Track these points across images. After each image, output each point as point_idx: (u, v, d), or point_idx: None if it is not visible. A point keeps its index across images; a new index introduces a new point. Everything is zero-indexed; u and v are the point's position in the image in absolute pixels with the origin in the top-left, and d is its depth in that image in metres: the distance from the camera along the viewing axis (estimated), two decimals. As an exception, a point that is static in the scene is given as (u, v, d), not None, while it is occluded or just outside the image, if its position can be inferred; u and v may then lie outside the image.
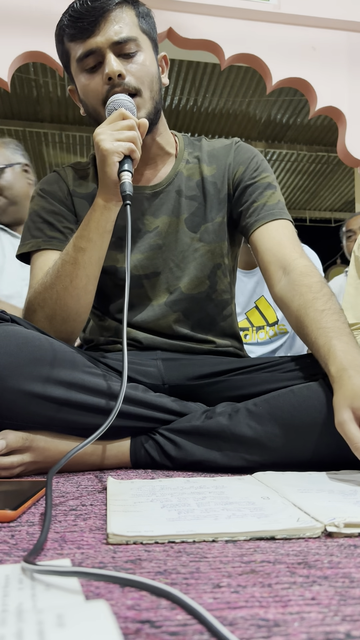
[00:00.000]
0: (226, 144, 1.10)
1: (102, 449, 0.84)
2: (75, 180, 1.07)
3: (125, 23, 0.93)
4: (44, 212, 1.03)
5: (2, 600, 0.32)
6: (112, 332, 1.06)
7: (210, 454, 0.81)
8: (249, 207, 1.03)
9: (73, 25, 0.92)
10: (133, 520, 0.51)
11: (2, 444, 0.75)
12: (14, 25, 2.11)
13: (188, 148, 1.09)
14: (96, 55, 0.92)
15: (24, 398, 0.77)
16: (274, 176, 1.07)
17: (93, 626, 0.26)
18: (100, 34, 0.91)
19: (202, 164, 1.07)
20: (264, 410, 0.81)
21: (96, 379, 0.82)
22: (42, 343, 0.80)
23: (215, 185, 1.06)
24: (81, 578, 0.37)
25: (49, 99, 4.18)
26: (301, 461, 0.78)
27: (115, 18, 0.92)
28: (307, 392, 0.80)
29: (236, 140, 1.11)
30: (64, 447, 0.81)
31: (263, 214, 1.01)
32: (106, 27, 0.91)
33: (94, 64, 0.93)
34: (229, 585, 0.37)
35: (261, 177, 1.05)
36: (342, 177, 5.55)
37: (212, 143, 1.11)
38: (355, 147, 2.40)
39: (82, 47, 0.92)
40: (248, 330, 1.88)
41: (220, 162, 1.07)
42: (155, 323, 1.03)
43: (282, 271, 0.94)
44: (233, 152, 1.07)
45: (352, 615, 0.32)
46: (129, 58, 0.93)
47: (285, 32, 2.35)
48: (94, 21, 0.91)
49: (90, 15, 0.90)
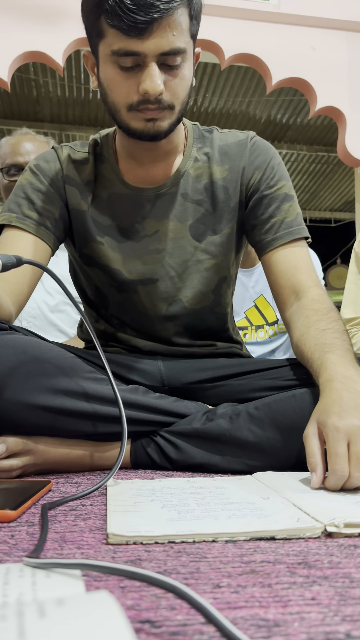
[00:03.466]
0: (240, 139, 1.00)
1: (103, 450, 0.83)
2: (69, 163, 0.99)
3: (180, 31, 0.80)
4: (30, 188, 0.97)
5: (2, 588, 0.32)
6: (110, 336, 1.04)
7: (210, 458, 0.81)
8: (265, 222, 0.96)
9: (122, 14, 0.76)
10: (133, 521, 0.51)
11: (2, 447, 0.75)
12: (14, 24, 2.11)
13: (197, 142, 1.00)
14: (137, 58, 0.80)
15: (23, 409, 0.76)
16: (290, 182, 1.00)
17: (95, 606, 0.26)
18: (150, 39, 0.78)
19: (213, 163, 0.98)
20: (265, 414, 0.80)
21: (96, 385, 0.81)
22: (42, 351, 0.79)
23: (227, 191, 0.98)
24: (83, 570, 0.37)
25: (49, 99, 4.18)
26: (302, 466, 0.78)
27: (171, 24, 0.79)
28: (308, 397, 0.80)
29: (251, 136, 1.00)
30: (63, 449, 0.81)
31: (281, 233, 0.95)
32: (159, 32, 0.78)
33: (131, 65, 0.81)
34: (229, 586, 0.37)
35: (278, 186, 0.97)
36: (342, 177, 5.54)
37: (224, 137, 1.00)
38: (355, 147, 2.40)
39: (124, 43, 0.79)
40: (247, 329, 1.88)
41: (233, 163, 0.98)
42: (154, 333, 1.01)
43: (295, 296, 0.92)
44: (248, 151, 0.98)
45: (352, 615, 0.32)
46: (171, 70, 0.83)
47: (285, 32, 2.35)
48: (149, 21, 0.77)
49: (147, 11, 0.76)
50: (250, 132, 1.02)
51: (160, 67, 0.82)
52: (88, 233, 0.99)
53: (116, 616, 0.25)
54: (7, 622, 0.24)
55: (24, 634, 0.23)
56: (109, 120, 4.49)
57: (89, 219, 0.98)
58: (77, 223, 0.99)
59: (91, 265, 1.01)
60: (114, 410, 0.80)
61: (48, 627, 0.24)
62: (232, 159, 0.99)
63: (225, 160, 0.99)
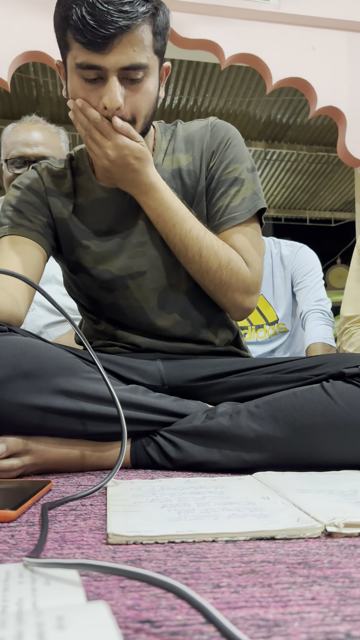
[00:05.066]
0: (202, 125, 1.02)
1: (103, 450, 0.84)
2: (49, 177, 1.03)
3: (141, 47, 0.83)
4: (16, 201, 1.00)
5: (2, 594, 0.32)
6: (109, 335, 1.04)
7: (210, 455, 0.81)
8: (212, 208, 0.99)
9: (83, 29, 0.80)
10: (133, 520, 0.51)
11: (2, 447, 0.75)
12: (14, 25, 2.11)
13: (165, 138, 1.02)
14: (99, 72, 0.83)
15: (24, 410, 0.76)
16: (246, 163, 1.00)
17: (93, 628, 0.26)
18: (110, 55, 0.81)
19: (178, 153, 1.00)
20: (266, 412, 0.81)
21: (95, 385, 0.81)
22: (40, 352, 0.79)
23: (193, 175, 1.00)
24: (83, 570, 0.37)
25: (49, 99, 4.18)
26: (302, 464, 0.78)
27: (132, 40, 0.81)
28: (309, 395, 0.80)
29: (212, 121, 1.02)
30: (63, 449, 0.81)
31: (223, 219, 0.97)
32: (120, 47, 0.81)
33: (94, 78, 0.84)
34: (229, 585, 0.37)
35: (229, 169, 0.98)
36: (342, 177, 5.54)
37: (187, 127, 1.03)
38: (355, 147, 2.40)
39: (86, 57, 0.82)
40: (247, 329, 1.88)
41: (196, 148, 1.00)
42: (152, 326, 1.01)
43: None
44: (208, 135, 1.00)
45: (352, 615, 0.32)
46: (132, 83, 0.85)
47: (285, 32, 2.35)
48: (109, 37, 0.79)
49: (107, 27, 0.79)
50: (211, 118, 1.04)
51: (122, 81, 0.85)
52: (73, 239, 1.01)
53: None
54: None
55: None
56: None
57: (72, 225, 1.01)
58: (61, 230, 1.02)
59: (78, 273, 1.03)
60: (113, 410, 0.80)
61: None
62: (195, 145, 1.01)
63: (189, 147, 1.01)
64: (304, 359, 0.92)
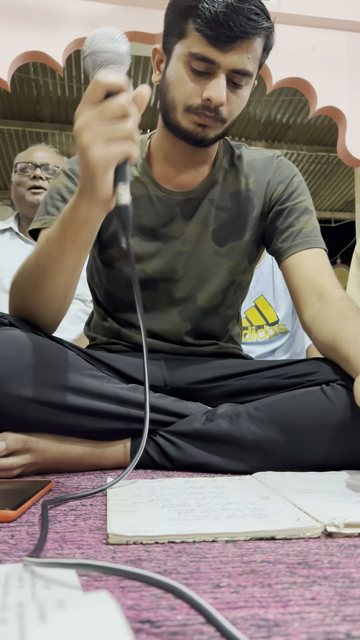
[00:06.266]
0: (267, 156, 1.06)
1: (102, 449, 0.84)
2: None
3: (254, 57, 0.88)
4: (66, 191, 0.99)
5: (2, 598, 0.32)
6: (114, 333, 1.05)
7: (210, 457, 0.81)
8: (284, 231, 1.00)
9: (213, 24, 0.82)
10: (133, 520, 0.51)
11: (2, 445, 0.75)
12: (14, 25, 2.11)
13: (227, 155, 1.05)
14: (210, 66, 0.86)
15: (24, 404, 0.76)
16: (310, 200, 1.05)
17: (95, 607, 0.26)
18: (228, 54, 0.85)
19: (240, 175, 1.04)
20: (265, 414, 0.81)
21: (96, 382, 0.81)
22: (42, 347, 0.80)
23: (251, 201, 1.03)
24: (84, 570, 0.37)
25: (49, 99, 4.18)
26: (302, 466, 0.78)
27: (249, 47, 0.86)
28: (308, 398, 0.80)
29: (277, 154, 1.08)
30: (63, 448, 0.81)
31: (299, 241, 0.98)
32: (238, 50, 0.85)
33: (202, 70, 0.86)
34: (229, 586, 0.37)
35: (299, 200, 1.02)
36: (342, 177, 5.54)
37: (252, 153, 1.07)
38: (355, 147, 2.40)
39: (204, 49, 0.85)
40: (247, 329, 1.88)
41: (259, 177, 1.04)
42: (163, 329, 1.02)
43: (318, 297, 0.92)
44: (274, 167, 1.04)
45: (352, 616, 0.32)
46: (235, 88, 0.89)
47: (285, 32, 2.34)
48: (232, 37, 0.83)
49: (233, 29, 0.83)
50: (276, 151, 1.09)
51: (226, 82, 0.87)
52: (116, 234, 1.01)
53: (116, 619, 0.25)
54: (7, 627, 0.24)
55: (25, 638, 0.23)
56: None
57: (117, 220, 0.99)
58: (106, 223, 1.00)
59: (111, 266, 1.03)
60: (114, 407, 0.80)
61: (48, 632, 0.24)
62: (258, 173, 1.04)
63: (252, 173, 1.04)
64: (304, 364, 0.91)
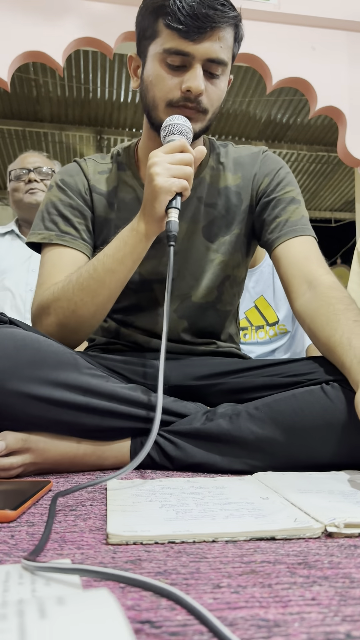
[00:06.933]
0: (253, 151, 1.08)
1: (102, 449, 0.84)
2: (95, 174, 1.05)
3: (226, 45, 0.90)
4: (61, 204, 1.01)
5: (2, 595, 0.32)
6: (113, 333, 1.06)
7: (210, 457, 0.81)
8: (271, 222, 1.01)
9: (182, 17, 0.85)
10: (133, 521, 0.51)
11: (2, 445, 0.75)
12: (14, 24, 2.11)
13: (213, 153, 1.07)
14: (185, 59, 0.88)
15: (23, 401, 0.76)
16: (298, 190, 1.05)
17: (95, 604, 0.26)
18: (201, 45, 0.87)
19: (227, 172, 1.05)
20: (265, 414, 0.81)
21: (96, 380, 0.82)
22: (41, 345, 0.80)
23: (239, 196, 1.04)
24: (83, 576, 0.36)
25: (49, 99, 4.18)
26: (302, 466, 0.78)
27: (220, 36, 0.88)
28: (309, 397, 0.80)
29: (264, 150, 1.08)
30: (63, 448, 0.81)
31: (286, 230, 0.99)
32: (209, 40, 0.87)
33: (178, 65, 0.89)
34: (229, 586, 0.37)
35: (285, 190, 1.03)
36: (342, 177, 5.54)
37: (238, 150, 1.09)
38: (355, 147, 2.40)
39: (177, 43, 0.87)
40: (247, 329, 1.88)
41: (245, 172, 1.05)
42: (160, 327, 1.01)
43: (307, 285, 0.91)
44: (260, 161, 1.06)
45: (352, 616, 0.32)
46: (211, 78, 0.91)
47: (285, 32, 2.35)
48: (202, 28, 0.86)
49: (202, 20, 0.86)
50: (262, 147, 1.10)
51: (203, 73, 0.89)
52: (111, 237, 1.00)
53: (116, 616, 0.25)
54: (7, 623, 0.24)
55: (25, 634, 0.23)
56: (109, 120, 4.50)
57: (113, 225, 1.02)
58: (99, 229, 1.04)
59: None
60: (113, 406, 0.81)
61: (48, 628, 0.24)
62: (245, 168, 1.06)
63: (239, 169, 1.06)
64: (303, 363, 0.91)
